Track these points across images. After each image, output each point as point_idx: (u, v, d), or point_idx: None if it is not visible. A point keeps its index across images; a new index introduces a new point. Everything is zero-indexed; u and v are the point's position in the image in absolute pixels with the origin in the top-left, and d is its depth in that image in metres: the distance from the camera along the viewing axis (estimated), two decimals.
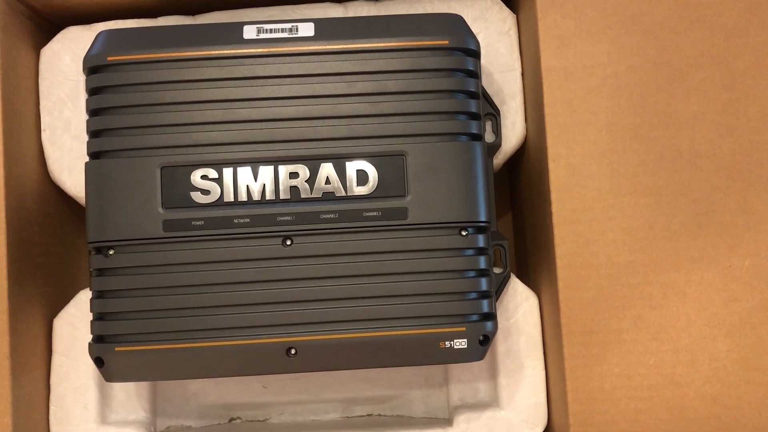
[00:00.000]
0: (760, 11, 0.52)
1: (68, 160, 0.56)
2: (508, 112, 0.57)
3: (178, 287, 0.49)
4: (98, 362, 0.49)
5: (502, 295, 0.56)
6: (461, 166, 0.50)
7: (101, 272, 0.50)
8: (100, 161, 0.50)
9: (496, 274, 0.54)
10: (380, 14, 0.57)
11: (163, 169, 0.50)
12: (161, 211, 0.49)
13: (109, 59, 0.50)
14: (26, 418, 0.53)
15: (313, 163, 0.50)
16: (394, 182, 0.50)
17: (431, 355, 0.49)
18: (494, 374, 0.56)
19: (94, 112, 0.50)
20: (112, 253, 0.49)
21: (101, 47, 0.51)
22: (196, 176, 0.50)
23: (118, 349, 0.49)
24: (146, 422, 0.57)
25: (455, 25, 0.52)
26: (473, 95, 0.51)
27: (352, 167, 0.50)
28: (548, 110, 0.52)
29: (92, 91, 0.50)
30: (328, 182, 0.50)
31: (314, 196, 0.50)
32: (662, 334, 0.51)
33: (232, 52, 0.50)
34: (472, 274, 0.50)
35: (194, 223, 0.49)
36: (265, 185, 0.50)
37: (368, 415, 0.61)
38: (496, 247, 0.55)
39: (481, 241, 0.50)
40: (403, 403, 0.61)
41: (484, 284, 0.50)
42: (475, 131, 0.51)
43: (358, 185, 0.50)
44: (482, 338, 0.50)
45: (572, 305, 0.51)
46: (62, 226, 0.61)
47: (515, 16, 0.58)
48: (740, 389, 0.50)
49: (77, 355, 0.55)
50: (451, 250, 0.50)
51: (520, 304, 0.56)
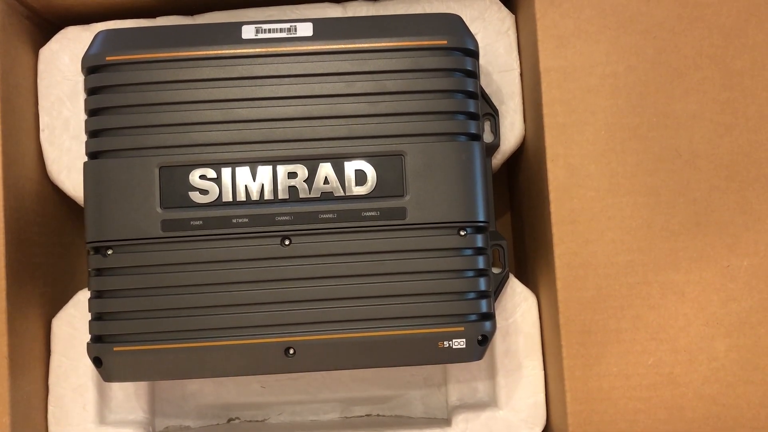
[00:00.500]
0: (758, 11, 0.52)
1: (67, 160, 0.56)
2: (506, 112, 0.57)
3: (176, 287, 0.49)
4: (97, 362, 0.49)
5: (500, 295, 0.56)
6: (460, 166, 0.50)
7: (100, 272, 0.50)
8: (98, 161, 0.50)
9: (494, 274, 0.54)
10: (379, 14, 0.58)
11: (161, 168, 0.50)
12: (160, 210, 0.49)
13: (107, 59, 0.50)
14: (25, 418, 0.53)
15: (311, 163, 0.50)
16: (392, 182, 0.50)
17: (430, 355, 0.49)
18: (493, 374, 0.56)
19: (92, 112, 0.50)
20: (110, 253, 0.49)
21: (100, 47, 0.51)
22: (194, 176, 0.50)
23: (116, 349, 0.49)
24: (145, 422, 0.57)
25: (454, 25, 0.52)
26: (472, 95, 0.51)
27: (350, 167, 0.50)
28: (547, 110, 0.52)
29: (91, 91, 0.51)
30: (326, 182, 0.50)
31: (313, 195, 0.50)
32: (661, 333, 0.51)
33: (230, 52, 0.50)
34: (470, 273, 0.50)
35: (193, 222, 0.49)
36: (263, 185, 0.50)
37: (367, 415, 0.61)
38: (494, 247, 0.55)
39: (479, 240, 0.50)
40: (401, 403, 0.61)
41: (482, 284, 0.50)
42: (473, 131, 0.51)
43: (356, 185, 0.50)
44: (481, 338, 0.50)
45: (571, 305, 0.51)
46: (61, 226, 0.61)
47: (514, 16, 0.58)
48: (739, 389, 0.50)
49: (76, 355, 0.55)
50: (449, 249, 0.50)
51: (518, 304, 0.56)
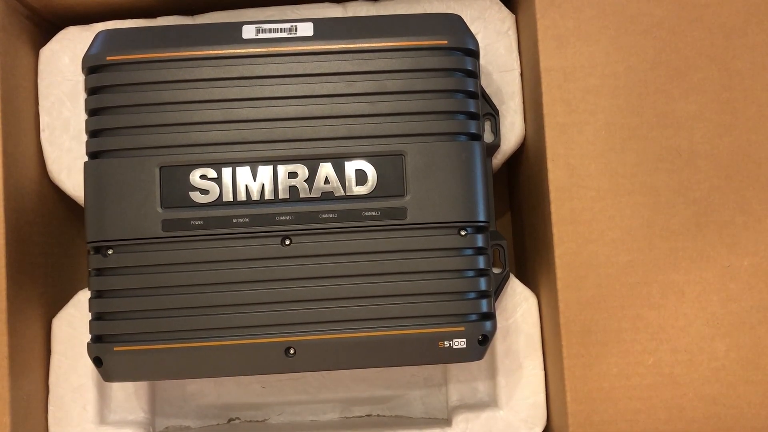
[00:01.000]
0: (758, 11, 0.52)
1: (67, 160, 0.56)
2: (507, 112, 0.57)
3: (177, 287, 0.49)
4: (97, 362, 0.49)
5: (501, 295, 0.56)
6: (460, 165, 0.50)
7: (100, 272, 0.50)
8: (99, 161, 0.50)
9: (495, 274, 0.54)
10: (379, 14, 0.58)
11: (162, 168, 0.50)
12: (160, 210, 0.49)
13: (108, 59, 0.50)
14: (25, 418, 0.52)
15: (312, 162, 0.50)
16: (393, 182, 0.50)
17: (430, 354, 0.49)
18: (493, 374, 0.56)
19: (93, 111, 0.50)
20: (111, 252, 0.49)
21: (100, 47, 0.51)
22: (195, 176, 0.50)
23: (116, 348, 0.49)
24: (145, 422, 0.57)
25: (454, 24, 0.52)
26: (472, 95, 0.51)
27: (351, 167, 0.50)
28: (547, 110, 0.52)
29: (91, 90, 0.51)
30: (327, 182, 0.50)
31: (313, 195, 0.50)
32: (661, 333, 0.51)
33: (231, 51, 0.50)
34: (471, 273, 0.50)
35: (193, 222, 0.49)
36: (264, 185, 0.50)
37: (367, 415, 0.61)
38: (495, 247, 0.55)
39: (480, 240, 0.50)
40: (402, 403, 0.61)
41: (483, 284, 0.50)
42: (474, 131, 0.51)
43: (357, 185, 0.50)
44: (481, 338, 0.50)
45: (571, 305, 0.51)
46: (61, 226, 0.61)
47: (514, 16, 0.58)
48: (739, 389, 0.50)
49: (76, 355, 0.55)
50: (450, 249, 0.50)
51: (519, 304, 0.56)
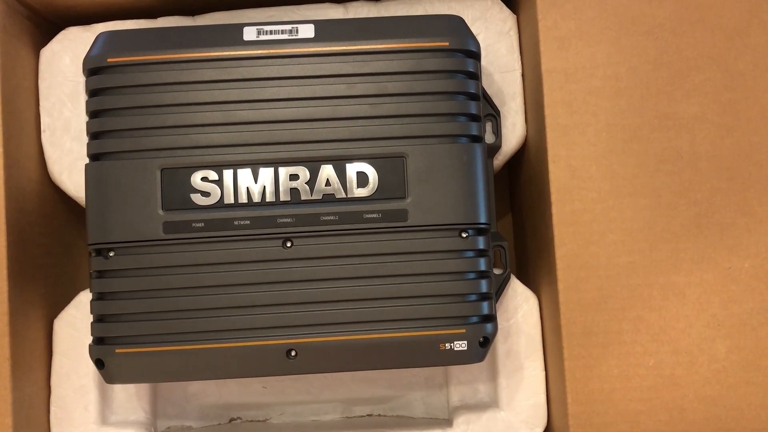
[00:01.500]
0: (760, 12, 0.52)
1: (68, 161, 0.56)
2: (508, 113, 0.57)
3: (178, 289, 0.49)
4: (99, 364, 0.49)
5: (502, 296, 0.56)
6: (461, 167, 0.50)
7: (101, 274, 0.50)
8: (100, 163, 0.50)
9: (496, 275, 0.54)
10: (380, 15, 0.57)
11: (163, 170, 0.50)
12: (161, 212, 0.49)
13: (109, 61, 0.50)
14: (27, 419, 0.53)
15: (313, 165, 0.50)
16: (394, 184, 0.50)
17: (431, 356, 0.49)
18: (494, 375, 0.56)
19: (94, 113, 0.50)
20: (112, 254, 0.49)
21: (101, 49, 0.51)
22: (196, 178, 0.50)
23: (118, 350, 0.49)
24: (146, 423, 0.57)
25: (455, 26, 0.52)
26: (473, 96, 0.51)
27: (352, 169, 0.50)
28: (548, 111, 0.52)
29: (92, 92, 0.50)
30: (328, 184, 0.50)
31: (314, 198, 0.50)
32: (662, 335, 0.51)
33: (232, 53, 0.50)
34: (472, 275, 0.50)
35: (194, 225, 0.49)
36: (265, 187, 0.50)
37: (368, 415, 0.61)
38: (496, 248, 0.55)
39: (481, 242, 0.50)
40: (403, 403, 0.61)
41: (484, 286, 0.50)
42: (475, 133, 0.51)
43: (358, 187, 0.50)
44: (482, 340, 0.50)
45: (572, 306, 0.51)
46: (62, 227, 0.61)
47: (515, 16, 0.58)
48: (740, 390, 0.50)
49: (77, 356, 0.55)
50: (451, 251, 0.50)
51: (520, 305, 0.56)
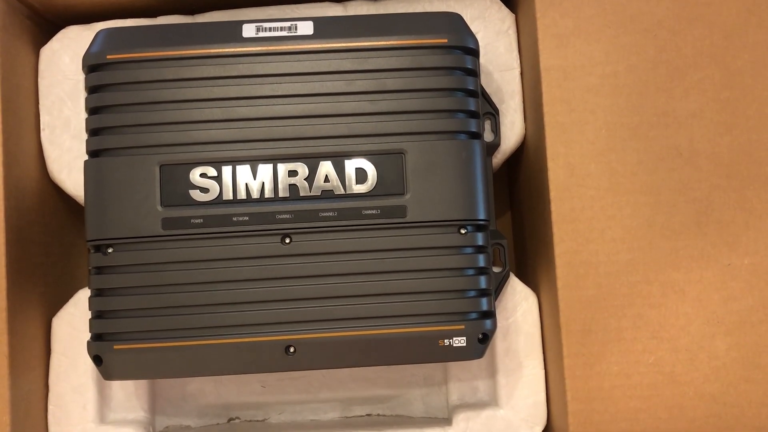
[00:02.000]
0: (758, 10, 0.52)
1: (68, 159, 0.56)
2: (507, 111, 0.57)
3: (177, 285, 0.49)
4: (97, 360, 0.49)
5: (501, 294, 0.56)
6: (460, 164, 0.50)
7: (100, 270, 0.50)
8: (99, 159, 0.50)
9: (495, 273, 0.54)
10: (379, 13, 0.58)
11: (162, 167, 0.50)
12: (160, 209, 0.49)
13: (108, 58, 0.50)
14: (25, 417, 0.52)
15: (312, 161, 0.50)
16: (393, 180, 0.50)
17: (430, 353, 0.49)
18: (493, 373, 0.56)
19: (93, 110, 0.50)
20: (111, 251, 0.49)
21: (100, 46, 0.51)
22: (195, 174, 0.50)
23: (116, 347, 0.49)
24: (145, 422, 0.56)
25: (454, 23, 0.52)
26: (472, 94, 0.51)
27: (351, 165, 0.50)
28: (547, 109, 0.52)
29: (91, 89, 0.51)
30: (327, 180, 0.50)
31: (313, 194, 0.50)
32: (662, 332, 0.51)
33: (231, 50, 0.50)
34: (471, 272, 0.50)
35: (193, 221, 0.49)
36: (264, 183, 0.50)
37: (367, 414, 0.61)
38: (495, 246, 0.55)
39: (480, 239, 0.50)
40: (402, 402, 0.61)
41: (483, 282, 0.50)
42: (474, 130, 0.51)
43: (357, 183, 0.50)
44: (481, 336, 0.50)
45: (571, 304, 0.51)
46: (61, 225, 0.61)
47: (514, 15, 0.58)
48: (740, 388, 0.50)
49: (76, 354, 0.55)
50: (450, 248, 0.50)
51: (519, 303, 0.56)
